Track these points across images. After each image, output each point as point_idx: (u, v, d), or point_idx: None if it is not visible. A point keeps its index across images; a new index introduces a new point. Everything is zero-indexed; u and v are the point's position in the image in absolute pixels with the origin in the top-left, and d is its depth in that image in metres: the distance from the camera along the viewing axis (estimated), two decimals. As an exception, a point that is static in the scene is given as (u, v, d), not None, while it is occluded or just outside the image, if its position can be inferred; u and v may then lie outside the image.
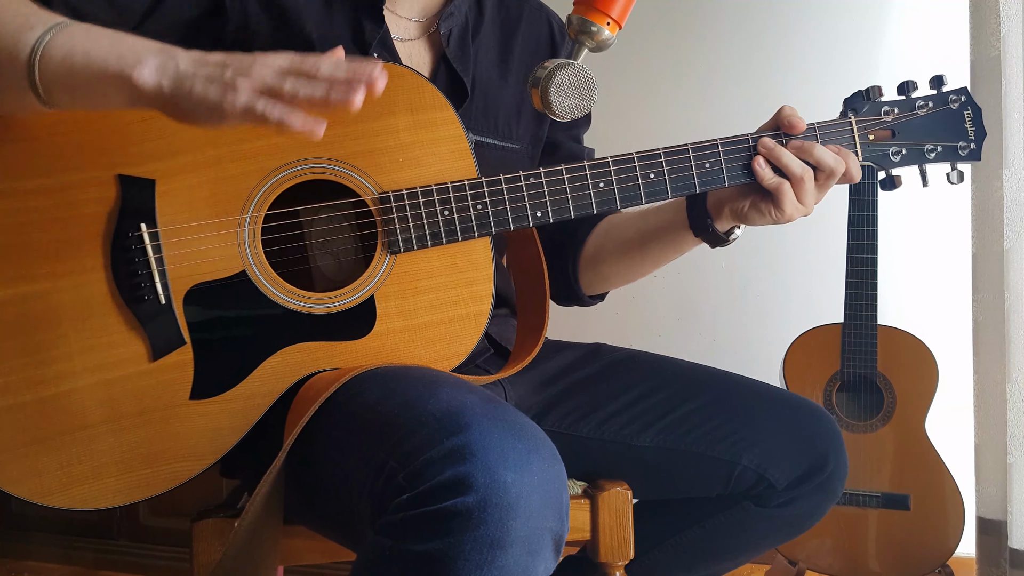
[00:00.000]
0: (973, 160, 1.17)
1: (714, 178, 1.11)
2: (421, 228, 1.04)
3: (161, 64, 0.87)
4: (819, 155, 1.09)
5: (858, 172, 1.12)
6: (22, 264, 0.97)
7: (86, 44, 0.88)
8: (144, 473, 0.99)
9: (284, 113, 0.84)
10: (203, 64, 0.86)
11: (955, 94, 1.16)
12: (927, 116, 1.15)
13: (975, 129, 1.16)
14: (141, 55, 0.87)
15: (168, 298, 1.00)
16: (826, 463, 1.18)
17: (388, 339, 1.04)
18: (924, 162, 1.17)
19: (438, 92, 1.06)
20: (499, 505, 0.76)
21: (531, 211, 1.07)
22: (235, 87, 0.83)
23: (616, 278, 1.31)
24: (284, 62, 0.85)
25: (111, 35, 0.90)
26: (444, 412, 0.83)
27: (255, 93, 0.84)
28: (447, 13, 1.18)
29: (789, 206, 1.10)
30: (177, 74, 0.86)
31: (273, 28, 1.08)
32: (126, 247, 0.99)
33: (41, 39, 0.88)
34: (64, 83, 0.89)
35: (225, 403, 1.01)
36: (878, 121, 1.15)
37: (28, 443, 0.96)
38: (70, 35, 0.89)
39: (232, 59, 0.86)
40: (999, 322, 1.64)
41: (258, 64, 0.85)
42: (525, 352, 1.17)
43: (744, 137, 1.11)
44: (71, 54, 0.88)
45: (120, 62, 0.87)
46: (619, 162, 1.08)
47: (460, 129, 1.06)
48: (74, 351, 0.98)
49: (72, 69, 0.88)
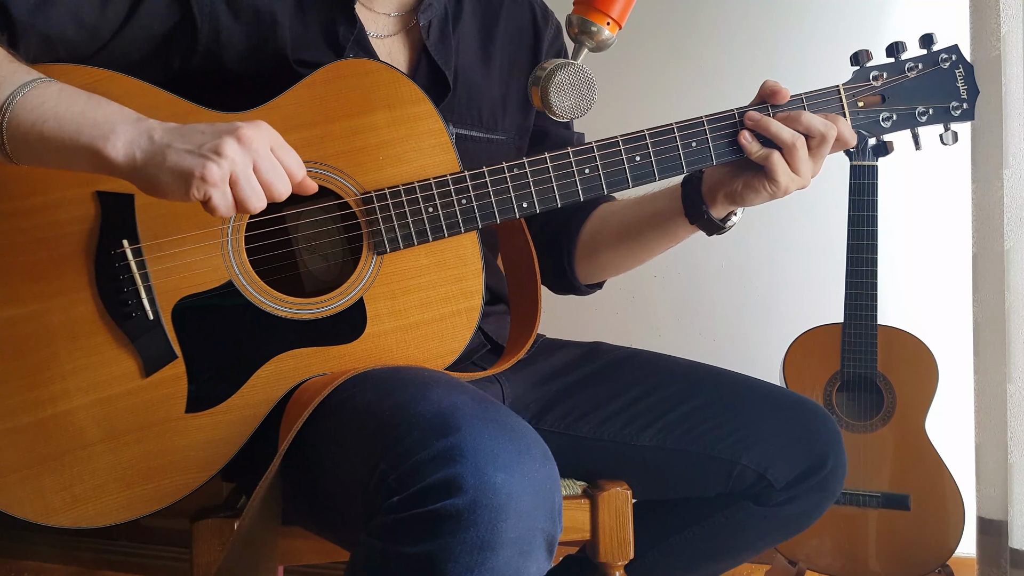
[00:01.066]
0: (967, 120, 1.14)
1: (701, 156, 1.09)
2: (406, 227, 1.03)
3: (134, 137, 0.86)
4: (807, 121, 1.07)
5: (851, 136, 1.10)
6: (8, 287, 0.97)
7: (57, 110, 0.87)
8: (146, 488, 0.99)
9: (227, 208, 0.86)
10: (180, 135, 0.86)
11: (946, 52, 1.13)
12: (917, 78, 1.12)
13: (967, 87, 1.13)
14: (115, 125, 0.87)
15: (156, 313, 0.99)
16: (825, 462, 1.18)
17: (380, 340, 1.04)
18: (916, 126, 1.14)
19: (415, 86, 1.05)
20: (489, 506, 0.76)
21: (516, 202, 1.06)
22: (216, 156, 0.85)
23: (612, 267, 1.30)
24: (260, 149, 0.87)
25: (84, 100, 0.89)
26: (435, 413, 0.83)
27: (224, 181, 0.85)
28: (425, 5, 1.17)
29: (783, 176, 1.08)
30: (152, 146, 0.86)
31: (245, 36, 1.07)
32: (110, 264, 0.98)
33: (9, 101, 0.87)
34: (32, 148, 0.88)
35: (221, 415, 1.01)
36: (867, 87, 1.12)
37: (29, 465, 0.97)
38: (41, 98, 0.88)
39: (208, 131, 0.86)
40: (999, 322, 1.64)
41: (233, 144, 0.85)
42: (519, 344, 1.16)
43: (730, 112, 1.10)
44: (41, 120, 0.87)
45: (92, 132, 0.86)
46: (604, 147, 1.07)
47: (440, 123, 1.05)
48: (67, 371, 0.98)
49: (42, 136, 0.87)
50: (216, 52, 1.06)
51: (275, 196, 0.90)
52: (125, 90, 0.98)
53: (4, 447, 0.96)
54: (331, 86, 1.03)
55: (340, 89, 1.03)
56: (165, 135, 0.87)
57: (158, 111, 0.94)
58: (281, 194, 0.90)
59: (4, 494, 0.96)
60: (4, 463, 0.96)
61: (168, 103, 1.00)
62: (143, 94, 0.99)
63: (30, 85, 0.89)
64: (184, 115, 0.99)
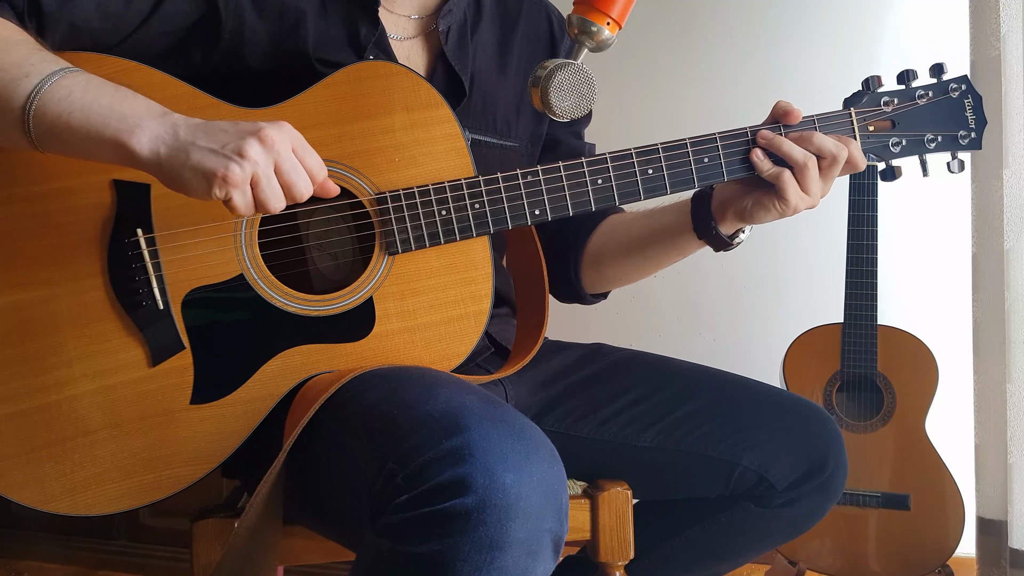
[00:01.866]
0: (973, 149, 1.15)
1: (713, 172, 1.10)
2: (419, 228, 1.04)
3: (160, 132, 0.87)
4: (819, 142, 1.08)
5: (861, 159, 1.11)
6: (20, 271, 0.97)
7: (84, 100, 0.88)
8: (146, 478, 0.99)
9: (247, 209, 0.88)
10: (204, 133, 0.87)
11: (955, 83, 1.15)
12: (927, 106, 1.14)
13: (976, 118, 1.15)
14: (141, 120, 0.87)
15: (166, 303, 0.99)
16: (826, 464, 1.18)
17: (387, 340, 1.04)
18: (924, 152, 1.16)
19: (433, 90, 1.05)
20: (498, 506, 0.76)
21: (529, 209, 1.06)
22: (239, 157, 0.85)
23: (618, 278, 1.31)
24: (282, 151, 0.88)
25: (111, 92, 0.89)
26: (443, 413, 0.83)
27: (246, 182, 0.86)
28: (445, 10, 1.18)
29: (793, 195, 1.09)
30: (176, 142, 0.87)
31: (268, 34, 1.08)
32: (123, 253, 0.99)
33: (37, 90, 0.88)
34: (58, 137, 0.89)
35: (226, 407, 1.01)
36: (878, 112, 1.14)
37: (30, 450, 0.97)
38: (68, 89, 0.88)
39: (232, 131, 0.87)
40: (999, 322, 1.64)
41: (256, 145, 0.86)
42: (525, 350, 1.17)
43: (743, 131, 1.11)
44: (68, 111, 0.88)
45: (118, 125, 0.87)
46: (617, 158, 1.08)
47: (456, 127, 1.06)
48: (73, 357, 0.98)
49: (68, 126, 0.88)
50: (239, 48, 1.07)
51: (296, 198, 0.90)
52: (147, 81, 0.99)
53: (7, 431, 0.96)
54: (351, 87, 1.03)
55: (359, 90, 1.04)
56: (190, 132, 0.87)
57: (179, 103, 0.96)
58: (302, 195, 0.91)
59: (4, 478, 0.96)
60: (6, 447, 0.96)
61: (189, 96, 1.01)
62: (165, 86, 1.00)
63: (58, 75, 0.89)
64: (204, 108, 1.00)
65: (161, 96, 0.94)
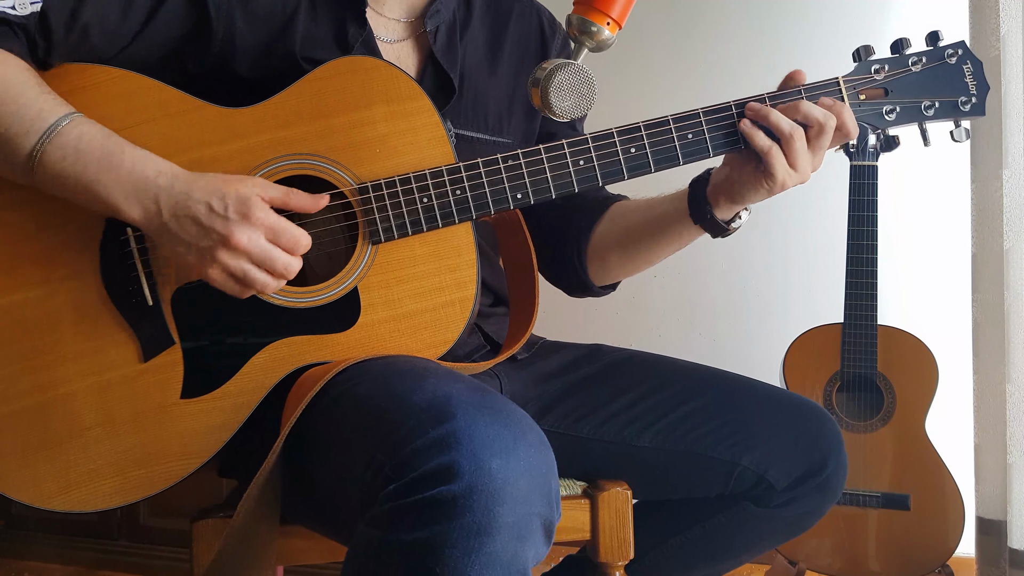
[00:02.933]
0: (977, 115, 1.10)
1: (698, 148, 1.09)
2: (401, 217, 1.04)
3: (145, 213, 0.95)
4: (806, 110, 1.06)
5: (853, 124, 1.07)
6: (18, 272, 0.99)
7: (76, 167, 0.95)
8: (139, 474, 1.00)
9: (241, 292, 0.98)
10: (185, 222, 0.94)
11: (952, 48, 1.11)
12: (922, 72, 1.10)
13: (976, 83, 1.10)
14: (129, 194, 0.95)
15: (156, 299, 1.01)
16: (826, 464, 1.18)
17: (374, 330, 1.04)
18: (922, 120, 1.11)
19: (413, 82, 1.06)
20: (485, 491, 0.76)
21: (511, 193, 1.06)
22: (211, 260, 0.95)
23: (621, 268, 1.30)
24: (257, 248, 0.95)
25: (96, 163, 0.95)
26: (430, 402, 0.83)
27: (224, 275, 0.96)
28: (432, 11, 1.18)
29: (780, 170, 1.06)
30: (160, 226, 0.95)
31: (258, 38, 1.09)
32: (114, 250, 1.01)
33: (37, 147, 0.95)
34: (59, 190, 0.97)
35: (215, 401, 1.02)
36: (868, 79, 1.10)
37: (27, 449, 0.98)
38: (62, 152, 0.95)
39: (197, 232, 0.94)
40: (999, 322, 1.64)
41: (223, 254, 0.95)
42: (516, 338, 1.17)
43: (726, 105, 1.09)
44: (63, 172, 0.95)
45: (107, 192, 0.95)
46: (598, 138, 1.07)
47: (436, 117, 1.06)
48: (68, 355, 1.00)
49: (65, 185, 0.96)
50: (229, 53, 1.08)
51: (283, 278, 0.98)
52: (137, 86, 1.03)
53: (4, 430, 0.98)
54: (331, 82, 1.04)
55: (339, 85, 1.04)
56: (173, 218, 0.95)
57: (166, 107, 1.02)
58: (284, 279, 0.98)
59: (3, 478, 0.98)
60: (3, 447, 0.98)
61: (176, 99, 1.03)
62: (152, 91, 1.03)
63: (57, 129, 0.95)
64: (191, 111, 1.03)
65: (149, 100, 1.02)
